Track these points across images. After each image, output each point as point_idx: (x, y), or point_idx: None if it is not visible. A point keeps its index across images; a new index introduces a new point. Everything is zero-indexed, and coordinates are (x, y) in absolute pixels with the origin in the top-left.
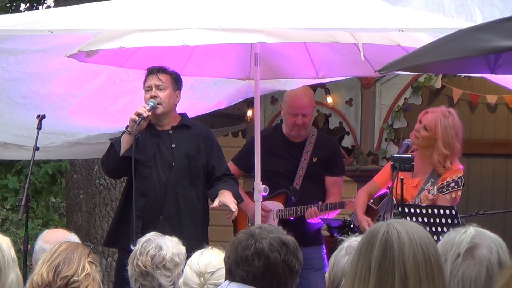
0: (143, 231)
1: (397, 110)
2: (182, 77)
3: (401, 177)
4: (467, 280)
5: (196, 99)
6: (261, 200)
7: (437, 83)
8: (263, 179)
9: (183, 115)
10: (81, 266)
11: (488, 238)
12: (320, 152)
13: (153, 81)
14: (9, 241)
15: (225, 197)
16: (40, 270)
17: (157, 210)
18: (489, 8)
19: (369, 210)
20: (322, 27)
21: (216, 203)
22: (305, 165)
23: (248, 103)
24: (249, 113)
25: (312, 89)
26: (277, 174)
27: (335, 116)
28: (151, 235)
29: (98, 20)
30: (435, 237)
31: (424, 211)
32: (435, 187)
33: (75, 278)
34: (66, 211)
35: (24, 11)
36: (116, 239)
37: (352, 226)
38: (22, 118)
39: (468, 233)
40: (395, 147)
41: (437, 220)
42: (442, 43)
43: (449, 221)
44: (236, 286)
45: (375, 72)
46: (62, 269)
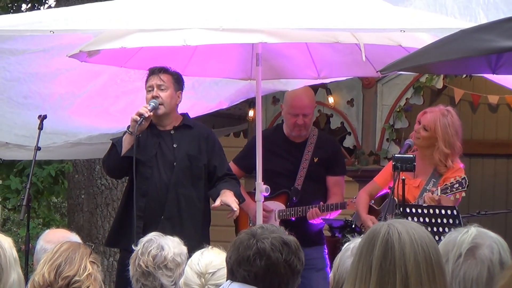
0: (145, 231)
1: (399, 110)
2: (184, 77)
3: (403, 177)
4: (469, 280)
5: (198, 99)
6: (263, 201)
7: (439, 83)
8: (264, 179)
9: (185, 115)
10: (83, 266)
11: (490, 238)
12: (321, 152)
13: (155, 81)
14: (11, 241)
15: (227, 197)
16: (42, 270)
17: (159, 210)
18: (494, 11)
19: (371, 211)
20: (324, 27)
21: (218, 203)
22: (306, 165)
23: (250, 103)
24: (251, 113)
25: (314, 90)
26: (278, 174)
27: (337, 116)
28: (153, 235)
29: (100, 20)
30: (437, 237)
31: (426, 211)
32: (439, 188)
33: (77, 278)
34: (68, 211)
35: (26, 11)
36: (118, 240)
37: (354, 226)
38: (23, 118)
39: (470, 233)
40: (397, 147)
41: (439, 220)
42: (444, 43)
43: (451, 221)
44: (238, 286)
45: (377, 73)
46: (64, 269)
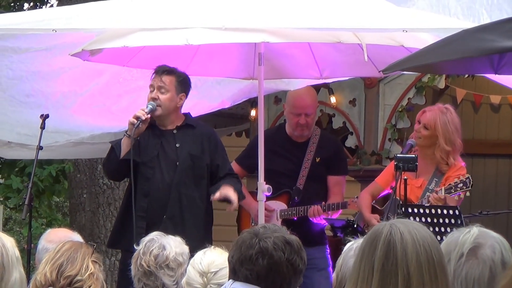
0: (147, 231)
1: (401, 110)
2: (190, 79)
3: (404, 177)
4: (471, 280)
5: (200, 99)
6: (265, 200)
7: (441, 83)
8: (266, 179)
9: (187, 115)
10: (85, 266)
11: (492, 238)
12: (323, 152)
13: (156, 82)
14: (13, 241)
15: (226, 190)
16: (44, 270)
17: (161, 210)
18: (498, 12)
19: (374, 211)
20: (326, 27)
21: (217, 195)
22: (308, 165)
23: (252, 103)
24: (253, 113)
25: (316, 89)
26: (280, 174)
27: (339, 116)
28: (154, 235)
29: (102, 19)
30: (439, 237)
31: (428, 211)
32: (443, 188)
33: (79, 278)
34: (70, 211)
35: (28, 10)
36: (119, 240)
37: (356, 226)
38: (26, 117)
39: (472, 233)
40: (399, 147)
41: (441, 220)
42: (446, 43)
43: (453, 221)
44: (240, 286)
45: (379, 73)
46: (66, 269)
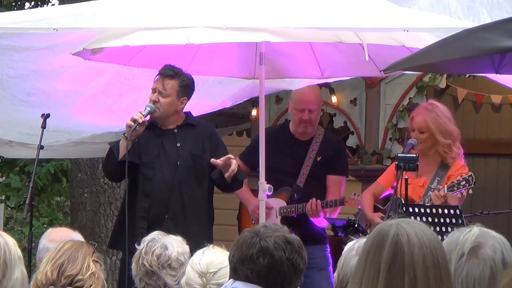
0: (148, 231)
1: (402, 110)
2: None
3: (406, 177)
4: (471, 280)
5: (201, 98)
6: (265, 199)
7: (442, 83)
8: (268, 176)
9: (188, 114)
10: (86, 265)
11: (492, 238)
12: (325, 151)
13: (158, 85)
14: (15, 241)
15: (227, 159)
16: (44, 269)
17: (162, 210)
18: (498, 11)
19: (376, 211)
20: (327, 27)
21: (219, 161)
22: (310, 164)
23: (253, 103)
24: (254, 113)
25: None
26: (282, 172)
27: (340, 116)
28: (156, 234)
29: (103, 18)
30: (439, 237)
31: (429, 211)
32: (446, 186)
33: (80, 277)
34: (71, 210)
35: (29, 9)
36: (119, 241)
37: (357, 226)
38: (27, 115)
39: (472, 233)
40: (400, 147)
41: (442, 220)
42: (447, 43)
43: (453, 221)
44: (241, 285)
45: (380, 72)
46: (67, 268)
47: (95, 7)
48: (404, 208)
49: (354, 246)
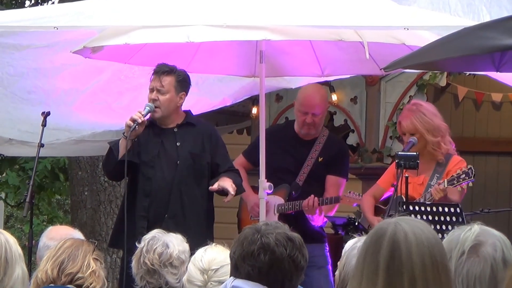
0: (148, 231)
1: (402, 108)
2: (189, 76)
3: (406, 175)
4: (472, 278)
5: (201, 96)
6: (266, 198)
7: (442, 81)
8: (269, 174)
9: (188, 113)
10: (86, 263)
11: (493, 236)
12: (328, 152)
13: (155, 84)
14: (15, 239)
15: (224, 181)
16: (45, 267)
17: (162, 209)
18: (497, 9)
19: (378, 211)
20: (327, 25)
21: (215, 186)
22: (311, 163)
23: (253, 101)
24: (254, 111)
25: None
26: (283, 170)
27: (340, 114)
28: (156, 233)
29: (104, 17)
30: (440, 235)
31: (429, 209)
32: (446, 180)
33: (80, 275)
34: (71, 208)
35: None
36: (120, 239)
37: (357, 224)
38: (27, 114)
39: (473, 231)
40: (400, 145)
41: (442, 218)
42: (447, 41)
43: (454, 219)
44: (241, 283)
45: (380, 70)
46: (67, 266)
47: (96, 6)
48: (405, 207)
49: (356, 245)
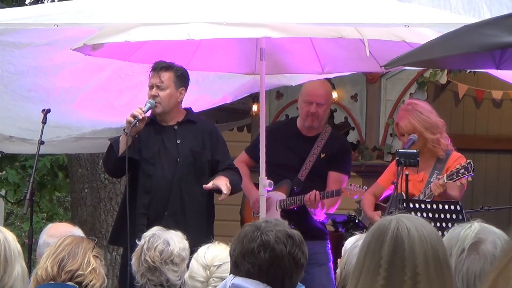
0: (148, 228)
1: None
2: (188, 72)
3: (406, 173)
4: (472, 275)
5: (202, 94)
6: (266, 195)
7: (443, 79)
8: (272, 171)
9: (188, 110)
10: (86, 260)
11: (493, 234)
12: (330, 149)
13: (154, 80)
14: (14, 236)
15: (219, 180)
16: (45, 264)
17: (162, 207)
18: (498, 6)
19: (379, 208)
20: (328, 22)
21: (210, 185)
22: (313, 160)
23: (253, 98)
24: (254, 108)
25: None
26: (285, 167)
27: (340, 111)
28: (156, 230)
29: (104, 14)
30: (440, 233)
31: (429, 207)
32: (445, 176)
33: (80, 272)
34: (71, 205)
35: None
36: (120, 237)
37: (357, 221)
38: (27, 111)
39: (473, 229)
40: (400, 142)
41: (442, 216)
42: (448, 39)
43: (454, 217)
44: (241, 281)
45: (381, 68)
46: (67, 263)
47: (96, 3)
48: (405, 204)
49: (357, 244)
